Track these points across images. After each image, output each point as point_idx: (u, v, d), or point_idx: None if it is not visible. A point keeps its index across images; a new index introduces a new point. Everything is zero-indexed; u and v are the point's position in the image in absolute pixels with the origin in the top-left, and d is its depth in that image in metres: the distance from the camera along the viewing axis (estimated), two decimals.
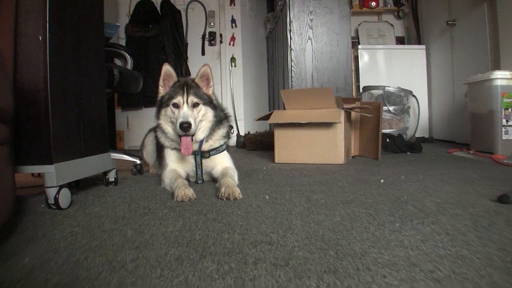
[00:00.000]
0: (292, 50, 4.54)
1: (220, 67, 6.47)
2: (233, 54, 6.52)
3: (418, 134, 5.35)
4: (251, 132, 5.60)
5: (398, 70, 5.71)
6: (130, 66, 3.21)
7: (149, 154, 3.07)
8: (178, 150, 2.33)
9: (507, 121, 3.51)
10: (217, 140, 2.44)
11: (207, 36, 6.51)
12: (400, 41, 6.54)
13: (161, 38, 6.01)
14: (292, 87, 4.54)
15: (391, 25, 6.55)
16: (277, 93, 5.64)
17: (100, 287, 0.97)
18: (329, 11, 4.52)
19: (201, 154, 2.40)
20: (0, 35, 1.70)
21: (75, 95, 2.03)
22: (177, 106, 2.25)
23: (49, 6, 1.79)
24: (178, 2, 6.40)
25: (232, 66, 6.50)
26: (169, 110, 2.28)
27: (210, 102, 2.36)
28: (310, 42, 4.53)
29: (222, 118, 2.47)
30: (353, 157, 3.78)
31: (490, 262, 1.05)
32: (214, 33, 6.51)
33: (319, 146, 3.38)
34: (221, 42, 6.53)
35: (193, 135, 2.23)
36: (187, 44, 6.39)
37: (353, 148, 3.85)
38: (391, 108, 4.70)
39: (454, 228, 1.38)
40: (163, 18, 6.08)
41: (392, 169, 2.92)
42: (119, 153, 3.00)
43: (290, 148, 3.50)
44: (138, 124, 6.18)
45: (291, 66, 4.54)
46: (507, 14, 4.02)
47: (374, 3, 6.48)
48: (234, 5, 6.54)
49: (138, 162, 3.02)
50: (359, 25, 6.48)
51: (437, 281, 0.95)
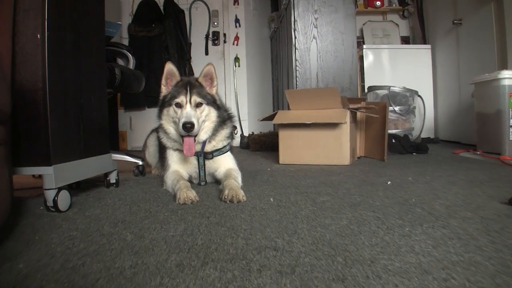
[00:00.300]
0: (296, 50, 4.49)
1: (223, 67, 6.44)
2: (237, 54, 6.49)
3: (423, 135, 5.29)
4: (255, 132, 5.57)
5: (403, 70, 5.65)
6: (132, 65, 3.16)
7: (151, 155, 3.02)
8: (181, 151, 2.27)
9: None
10: (220, 141, 2.39)
11: (211, 35, 6.47)
12: (405, 40, 6.49)
13: (164, 38, 5.99)
14: (296, 87, 4.49)
15: (396, 24, 6.51)
16: (281, 93, 5.60)
17: None
18: (334, 10, 4.48)
19: (204, 155, 2.34)
20: None
21: (75, 95, 1.99)
22: (179, 105, 2.20)
23: (48, 4, 1.75)
24: (181, 2, 6.38)
25: (236, 66, 6.47)
26: (171, 110, 2.23)
27: (214, 102, 2.31)
28: (315, 41, 4.48)
29: (225, 118, 2.42)
30: (358, 158, 3.73)
31: (505, 269, 1.00)
32: (218, 32, 6.48)
33: (324, 147, 3.33)
34: (224, 41, 6.50)
35: (196, 136, 2.18)
36: (191, 44, 6.36)
37: (358, 149, 3.80)
38: (397, 108, 4.64)
39: (465, 232, 1.32)
40: (166, 18, 6.04)
41: (398, 170, 2.86)
42: (121, 154, 2.96)
43: (295, 149, 3.44)
44: (141, 124, 6.14)
45: (296, 65, 4.49)
46: None
47: (379, 3, 6.41)
48: (238, 4, 6.50)
49: (140, 163, 2.98)
50: (364, 24, 6.44)
51: None
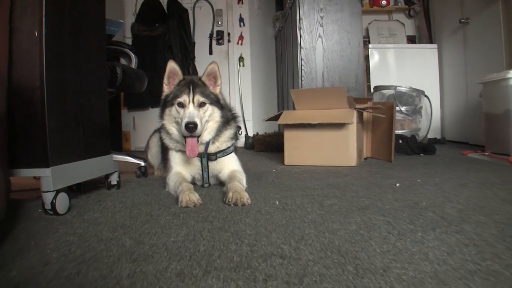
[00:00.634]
0: (302, 49, 4.43)
1: (228, 67, 6.41)
2: (241, 54, 6.45)
3: (430, 135, 5.21)
4: (260, 133, 5.50)
5: (409, 69, 5.58)
6: (134, 64, 3.10)
7: (153, 156, 2.96)
8: (183, 152, 2.21)
9: None
10: (224, 141, 2.33)
11: (215, 35, 6.44)
12: (411, 40, 6.42)
13: (167, 37, 5.94)
14: (302, 87, 4.43)
15: (402, 24, 6.44)
16: (286, 93, 5.55)
17: None
18: (340, 8, 4.41)
19: (207, 157, 2.28)
20: None
21: (74, 94, 1.93)
22: (182, 105, 2.13)
23: (45, 1, 1.68)
24: (185, 1, 6.34)
25: (240, 66, 6.43)
26: (173, 110, 2.17)
27: (217, 101, 2.24)
28: (320, 40, 4.41)
29: (229, 118, 2.35)
30: (365, 159, 3.67)
31: None
32: (222, 32, 6.44)
33: (331, 147, 3.26)
34: (229, 41, 6.46)
35: (199, 136, 2.11)
36: (194, 43, 6.32)
37: (365, 149, 3.73)
38: (403, 108, 4.58)
39: (480, 238, 1.25)
40: (170, 17, 6.00)
41: (406, 171, 2.79)
42: (123, 155, 2.90)
43: (300, 149, 3.38)
44: (144, 124, 6.08)
45: (301, 65, 4.42)
46: None
47: (384, 2, 6.34)
48: (242, 3, 6.46)
49: (143, 164, 2.92)
50: (370, 24, 6.37)
51: None
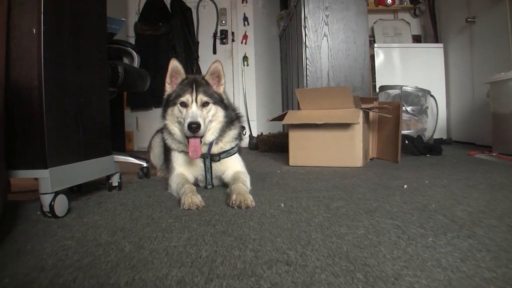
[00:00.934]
0: (307, 48, 4.37)
1: (232, 66, 6.37)
2: (245, 53, 6.42)
3: (435, 136, 5.18)
4: (264, 133, 5.48)
5: (414, 69, 5.54)
6: (137, 63, 3.06)
7: (156, 156, 2.91)
8: (186, 153, 2.16)
9: None
10: (228, 142, 2.27)
11: (219, 34, 6.40)
12: (416, 39, 6.37)
13: (171, 37, 5.90)
14: (307, 86, 4.37)
15: (408, 23, 6.39)
16: (290, 93, 5.51)
17: None
18: (345, 7, 4.36)
19: (210, 157, 2.22)
20: None
21: (74, 94, 1.88)
22: (185, 105, 2.08)
23: None
24: (189, 0, 6.29)
25: (244, 65, 6.40)
26: (176, 110, 2.12)
27: (221, 101, 2.19)
28: (325, 39, 4.36)
29: (233, 118, 2.30)
30: (370, 159, 3.61)
31: None
32: (226, 31, 6.40)
33: (336, 148, 3.21)
34: (233, 40, 6.42)
35: (202, 137, 2.06)
36: (198, 42, 6.28)
37: (370, 150, 3.67)
38: (409, 108, 4.56)
39: (494, 243, 1.20)
40: (173, 16, 5.96)
41: (413, 173, 2.74)
42: (125, 155, 2.85)
43: (306, 150, 3.32)
44: (148, 124, 6.06)
45: (306, 64, 4.37)
46: None
47: (389, 1, 6.31)
48: (246, 2, 6.42)
49: (145, 165, 2.87)
50: (375, 23, 6.32)
51: None
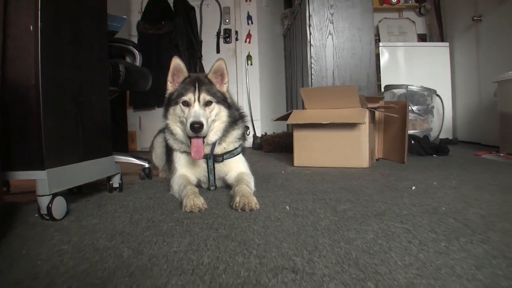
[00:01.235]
0: (312, 46, 4.30)
1: (235, 66, 6.35)
2: (249, 52, 6.38)
3: (441, 136, 5.12)
4: (268, 133, 5.43)
5: (420, 68, 5.45)
6: (139, 62, 3.01)
7: (158, 157, 2.86)
8: (188, 153, 2.10)
9: None
10: (231, 142, 2.21)
11: (222, 33, 6.36)
12: (422, 38, 6.30)
13: (174, 36, 5.86)
14: (311, 86, 4.30)
15: (413, 22, 6.31)
16: (295, 92, 5.45)
17: None
18: (350, 5, 4.28)
19: (213, 158, 2.17)
20: None
21: (73, 93, 1.82)
22: (187, 104, 2.02)
23: None
24: None
25: (248, 65, 6.35)
26: (178, 109, 2.06)
27: (224, 100, 2.13)
28: (331, 38, 4.29)
29: (237, 118, 2.24)
30: (376, 160, 3.55)
31: None
32: (230, 30, 6.37)
33: (342, 148, 3.15)
34: (236, 39, 6.38)
35: (204, 137, 2.00)
36: (201, 41, 6.24)
37: (376, 150, 3.61)
38: (415, 108, 4.49)
39: (509, 249, 1.14)
40: (176, 15, 5.92)
41: (421, 173, 2.68)
42: (126, 156, 2.80)
43: (311, 150, 3.27)
44: (151, 124, 6.02)
45: (311, 63, 4.30)
46: None
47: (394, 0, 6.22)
48: (250, 1, 6.38)
49: (147, 165, 2.82)
50: (380, 22, 6.25)
51: None
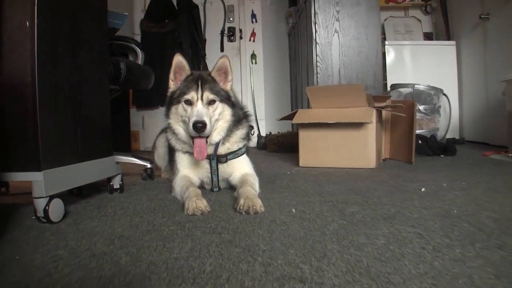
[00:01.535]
0: (317, 44, 4.24)
1: (240, 64, 6.29)
2: (253, 51, 6.32)
3: (448, 135, 5.08)
4: (273, 132, 5.37)
5: (426, 67, 5.40)
6: (141, 60, 2.95)
7: (160, 157, 2.80)
8: (191, 153, 2.04)
9: None
10: (235, 142, 2.15)
11: (226, 31, 6.31)
12: (428, 37, 6.21)
13: (177, 34, 5.82)
14: (317, 84, 4.24)
15: (419, 20, 6.22)
16: (300, 91, 5.39)
17: None
18: (356, 2, 4.23)
19: (217, 159, 2.10)
20: None
21: (71, 91, 1.77)
22: (190, 103, 1.96)
23: None
24: None
25: (252, 63, 6.31)
26: (180, 108, 2.00)
27: (228, 99, 2.07)
28: (337, 35, 4.23)
29: (241, 117, 2.18)
30: (383, 160, 3.49)
31: None
32: (234, 28, 6.31)
33: (348, 148, 3.08)
34: (241, 38, 6.33)
35: (208, 137, 1.94)
36: (205, 40, 6.20)
37: (383, 150, 3.54)
38: (421, 107, 4.45)
39: None
40: (180, 13, 5.88)
41: (429, 174, 2.61)
42: (128, 156, 2.74)
43: (316, 150, 3.20)
44: (154, 124, 5.99)
45: (317, 61, 4.23)
46: None
47: None
48: None
49: (149, 166, 2.76)
50: (385, 20, 6.18)
51: None
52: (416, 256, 1.11)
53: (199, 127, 1.85)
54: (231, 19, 6.31)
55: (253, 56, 6.32)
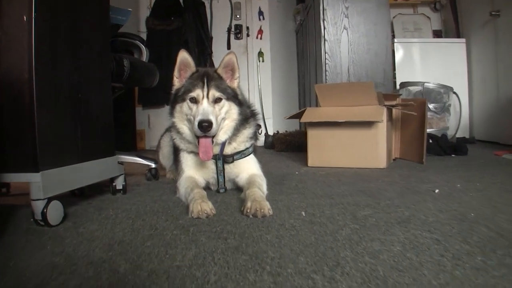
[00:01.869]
0: (326, 41, 4.17)
1: (247, 62, 6.27)
2: (260, 48, 6.31)
3: (458, 134, 4.99)
4: (280, 131, 5.31)
5: (435, 65, 5.34)
6: (145, 58, 2.89)
7: (165, 157, 2.73)
8: (196, 153, 1.97)
9: None
10: (242, 142, 2.08)
11: (233, 29, 6.29)
12: (437, 34, 6.15)
13: (183, 32, 5.79)
14: (326, 82, 4.18)
15: (428, 17, 6.16)
16: (308, 89, 5.33)
17: None
18: None
19: (223, 159, 2.03)
20: None
21: (71, 89, 1.70)
22: (195, 101, 1.89)
23: None
24: None
25: (259, 61, 6.28)
26: (185, 106, 1.93)
27: (235, 97, 1.99)
28: (346, 32, 4.16)
29: (248, 116, 2.10)
30: (393, 160, 3.41)
31: None
32: (241, 26, 6.29)
33: (358, 148, 3.00)
34: (247, 35, 6.31)
35: (213, 136, 1.87)
36: (212, 38, 6.15)
37: (393, 149, 3.46)
38: (431, 106, 4.39)
39: None
40: (186, 10, 5.84)
41: (441, 175, 2.53)
42: (131, 155, 2.68)
43: (325, 150, 3.13)
44: (160, 122, 5.95)
45: (325, 58, 4.16)
46: None
47: None
48: None
49: (153, 166, 2.69)
50: (394, 17, 6.11)
51: None
52: (435, 264, 1.04)
53: (205, 126, 1.78)
54: (238, 17, 6.28)
55: (260, 54, 6.29)
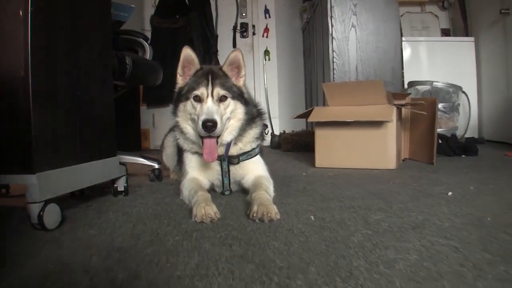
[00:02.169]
0: (333, 39, 4.08)
1: (252, 61, 6.22)
2: (266, 47, 6.26)
3: (467, 134, 4.95)
4: (287, 131, 5.27)
5: (443, 64, 5.28)
6: (149, 55, 2.82)
7: (168, 157, 2.65)
8: (200, 154, 1.90)
9: None
10: (248, 142, 2.00)
11: (239, 27, 6.24)
12: (445, 33, 6.09)
13: (188, 30, 5.73)
14: (333, 81, 4.10)
15: (436, 16, 6.11)
16: (315, 88, 5.27)
17: None
18: None
19: (228, 160, 1.96)
20: None
21: (70, 87, 1.64)
22: (199, 99, 1.82)
23: None
24: None
25: (265, 60, 6.23)
26: (189, 105, 1.86)
27: (241, 95, 1.92)
28: (354, 30, 4.07)
29: (254, 115, 2.02)
30: (403, 160, 3.34)
31: None
32: (246, 24, 6.24)
33: (367, 148, 2.94)
34: (253, 34, 6.26)
35: (218, 137, 1.80)
36: (217, 36, 6.11)
37: (402, 150, 3.39)
38: (440, 105, 4.35)
39: None
40: (191, 9, 5.79)
41: (453, 176, 2.46)
42: (134, 156, 2.62)
43: (333, 150, 3.06)
44: (164, 121, 5.84)
45: (333, 57, 4.08)
46: None
47: None
48: None
49: (156, 166, 2.63)
50: (402, 16, 6.03)
51: None
52: (455, 275, 0.97)
53: (209, 126, 1.71)
54: (244, 15, 6.23)
55: (266, 52, 6.25)
